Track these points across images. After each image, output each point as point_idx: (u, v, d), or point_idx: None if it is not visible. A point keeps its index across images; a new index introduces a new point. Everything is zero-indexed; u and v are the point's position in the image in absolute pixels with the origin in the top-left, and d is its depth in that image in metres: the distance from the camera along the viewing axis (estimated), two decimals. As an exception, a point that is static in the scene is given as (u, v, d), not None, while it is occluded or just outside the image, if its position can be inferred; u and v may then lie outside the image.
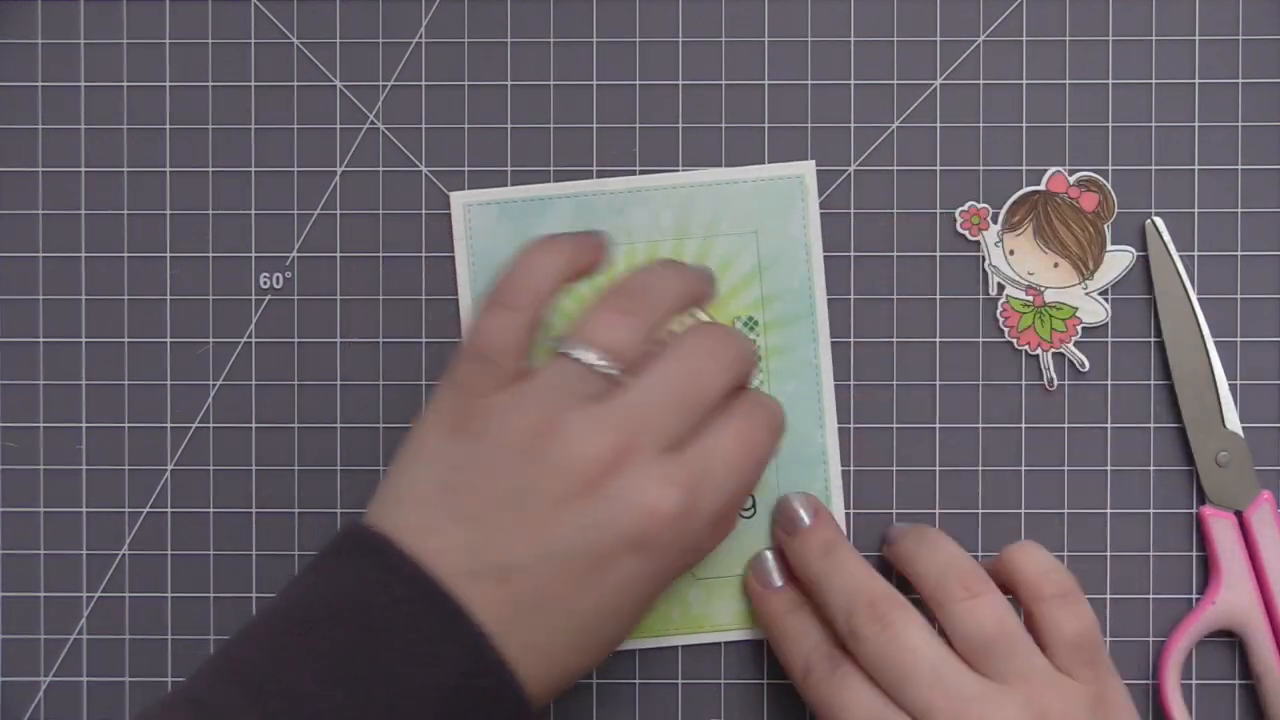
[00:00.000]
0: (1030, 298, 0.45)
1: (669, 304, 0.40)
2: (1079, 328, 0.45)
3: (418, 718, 0.35)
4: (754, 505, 0.45)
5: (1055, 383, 0.45)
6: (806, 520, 0.44)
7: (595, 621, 0.37)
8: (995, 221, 0.45)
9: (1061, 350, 0.45)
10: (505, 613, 0.36)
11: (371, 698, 0.35)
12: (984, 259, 0.45)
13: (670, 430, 0.38)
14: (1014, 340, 0.45)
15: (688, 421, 0.38)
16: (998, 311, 0.45)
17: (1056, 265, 0.45)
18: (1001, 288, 0.45)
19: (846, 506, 0.46)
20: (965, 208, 0.45)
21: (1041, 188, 0.45)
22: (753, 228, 0.46)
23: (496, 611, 0.36)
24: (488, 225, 0.46)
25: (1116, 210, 0.45)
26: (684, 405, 0.38)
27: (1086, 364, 0.45)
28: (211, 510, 0.46)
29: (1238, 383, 0.46)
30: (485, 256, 0.46)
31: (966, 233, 0.45)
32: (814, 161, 0.46)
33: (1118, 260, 0.45)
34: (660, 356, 0.39)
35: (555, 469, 0.37)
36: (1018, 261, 0.45)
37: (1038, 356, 0.45)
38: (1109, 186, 0.45)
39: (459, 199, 0.46)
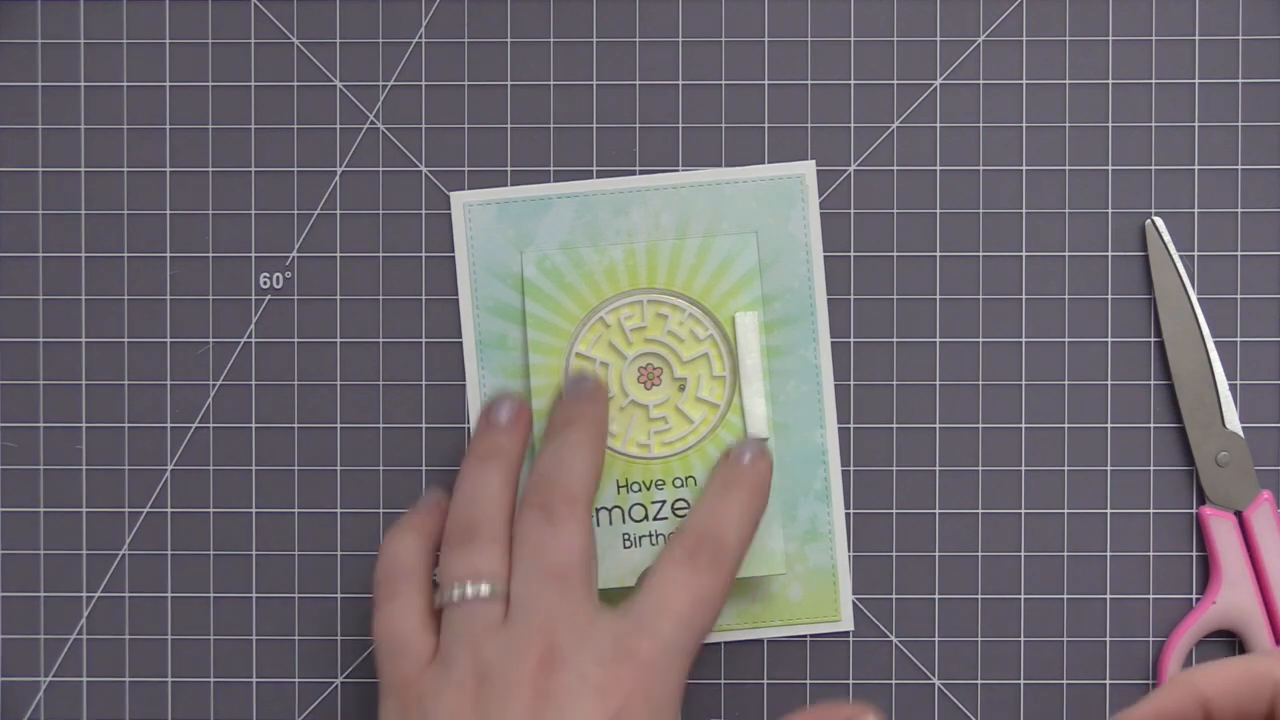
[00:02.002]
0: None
1: (495, 509, 0.41)
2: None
3: None
4: None
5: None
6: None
7: None
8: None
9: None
10: None
11: None
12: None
13: (571, 608, 0.39)
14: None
15: (579, 590, 0.39)
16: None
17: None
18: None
19: (846, 506, 0.46)
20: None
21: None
22: (753, 228, 0.46)
23: None
24: (488, 225, 0.46)
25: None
26: (563, 581, 0.39)
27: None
28: (211, 510, 0.46)
29: (1238, 383, 0.46)
30: (485, 256, 0.46)
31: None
32: (814, 161, 0.46)
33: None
34: (515, 549, 0.40)
35: (500, 703, 0.38)
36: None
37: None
38: None
39: (459, 199, 0.46)
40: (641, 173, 0.46)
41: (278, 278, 0.46)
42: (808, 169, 0.46)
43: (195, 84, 0.46)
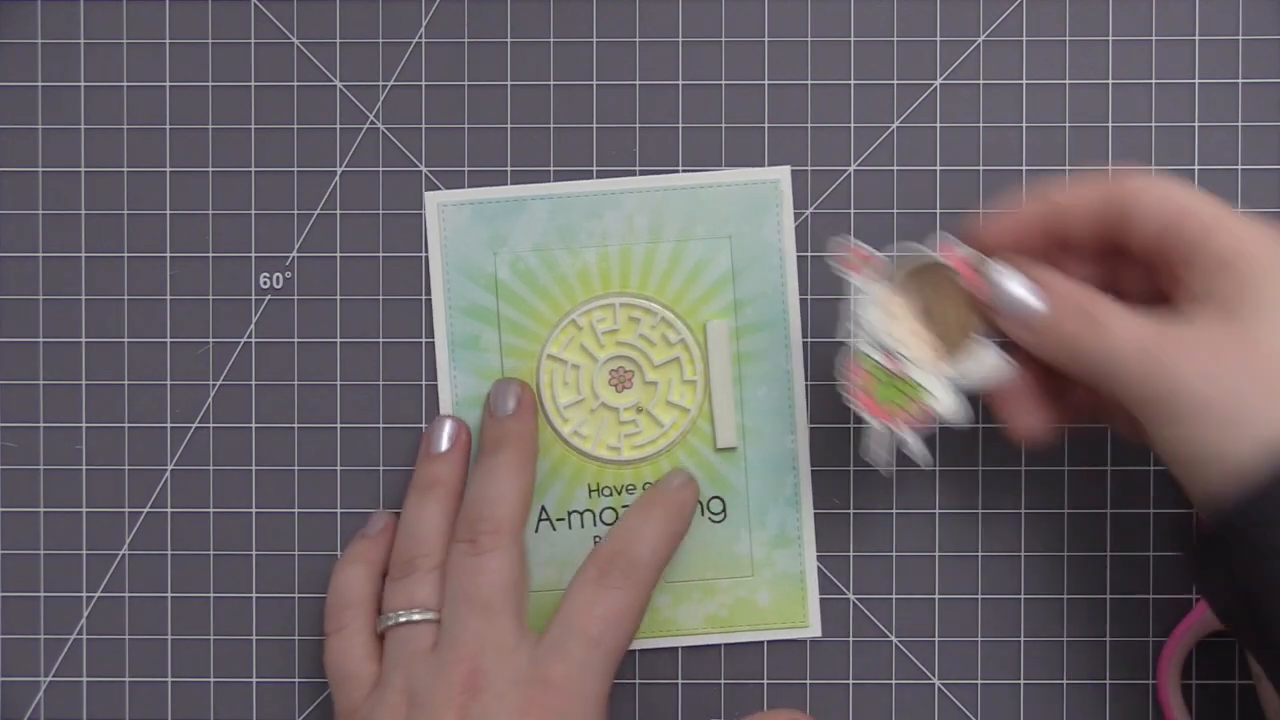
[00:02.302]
0: (889, 365, 0.40)
1: (433, 542, 0.43)
2: (932, 415, 0.40)
3: None
4: (724, 509, 0.45)
5: (891, 467, 0.43)
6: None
7: None
8: (877, 272, 0.41)
9: (903, 433, 0.40)
10: None
11: None
12: (852, 304, 0.41)
13: (494, 635, 0.41)
14: (857, 404, 0.40)
15: (502, 617, 0.41)
16: (844, 367, 0.40)
17: (928, 340, 0.41)
18: (858, 341, 0.40)
19: (847, 506, 0.46)
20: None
21: (950, 263, 0.40)
22: (726, 232, 0.46)
23: None
24: (461, 225, 0.46)
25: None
26: (486, 609, 0.41)
27: (930, 459, 0.43)
28: (211, 510, 0.46)
29: (1238, 383, 0.46)
30: (459, 257, 0.46)
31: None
32: (789, 166, 0.46)
33: (986, 356, 0.40)
34: (445, 580, 0.42)
35: None
36: (895, 323, 0.41)
37: (871, 429, 0.40)
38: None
39: (433, 199, 0.46)
40: (642, 173, 0.46)
41: (278, 278, 0.46)
42: (783, 174, 0.46)
43: (195, 84, 0.46)
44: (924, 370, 0.40)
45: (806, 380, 0.46)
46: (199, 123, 0.46)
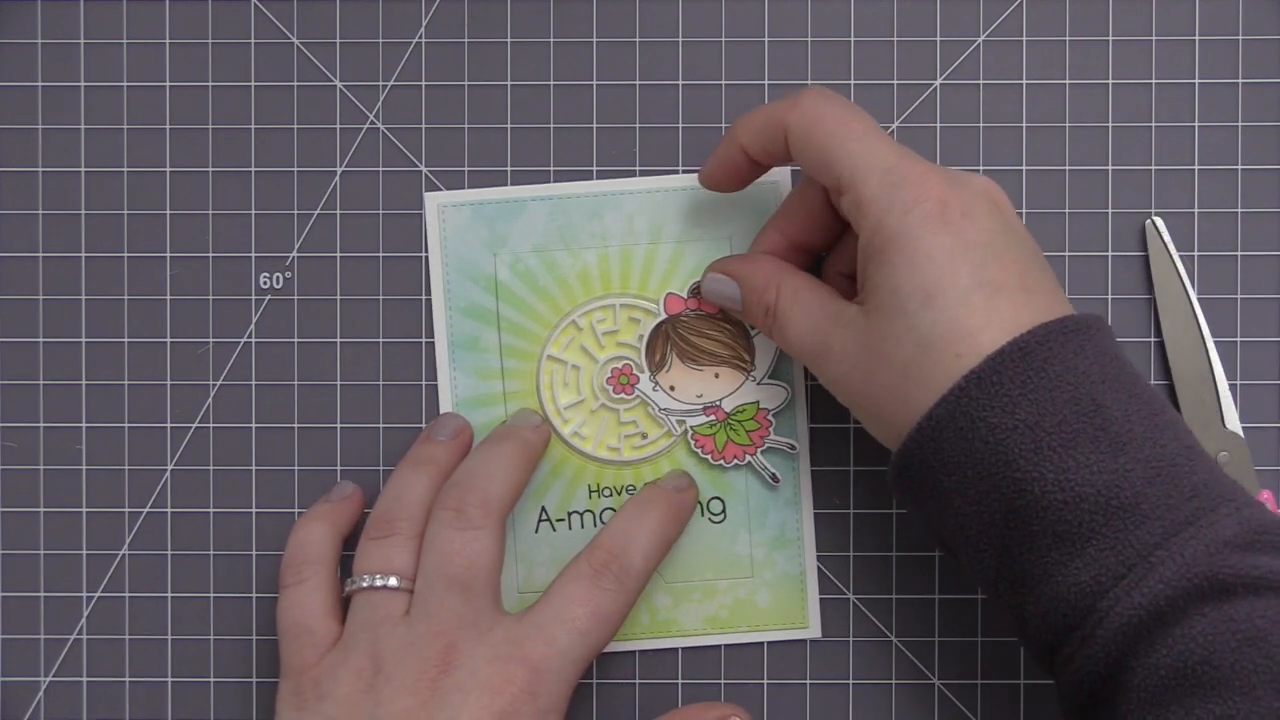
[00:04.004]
0: (712, 417, 0.45)
1: (416, 510, 0.42)
2: (769, 416, 0.45)
3: None
4: (724, 510, 0.45)
5: (780, 478, 0.45)
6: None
7: None
8: (642, 370, 0.45)
9: (761, 453, 0.45)
10: None
11: None
12: (653, 408, 0.45)
13: (471, 615, 0.40)
14: (722, 461, 0.45)
15: (481, 598, 0.40)
16: (692, 446, 0.45)
17: (718, 375, 0.45)
18: (682, 423, 0.45)
19: (847, 506, 0.46)
20: (610, 374, 0.45)
21: (663, 316, 0.45)
22: (726, 233, 0.46)
23: None
24: (461, 226, 0.46)
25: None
26: (466, 589, 0.40)
27: (780, 477, 0.45)
28: (211, 510, 0.46)
29: (1238, 383, 0.46)
30: (458, 258, 0.46)
31: (624, 395, 0.45)
32: (789, 167, 0.46)
33: (767, 341, 0.45)
34: (423, 552, 0.41)
35: (394, 693, 0.39)
36: (683, 393, 0.45)
37: (750, 464, 0.45)
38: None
39: (433, 199, 0.46)
40: (642, 173, 0.46)
41: (278, 278, 0.46)
42: (783, 175, 0.46)
43: (195, 84, 0.46)
44: (730, 395, 0.45)
45: (806, 380, 0.46)
46: (199, 123, 0.46)
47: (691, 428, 0.45)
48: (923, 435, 0.36)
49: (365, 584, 0.41)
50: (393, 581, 0.41)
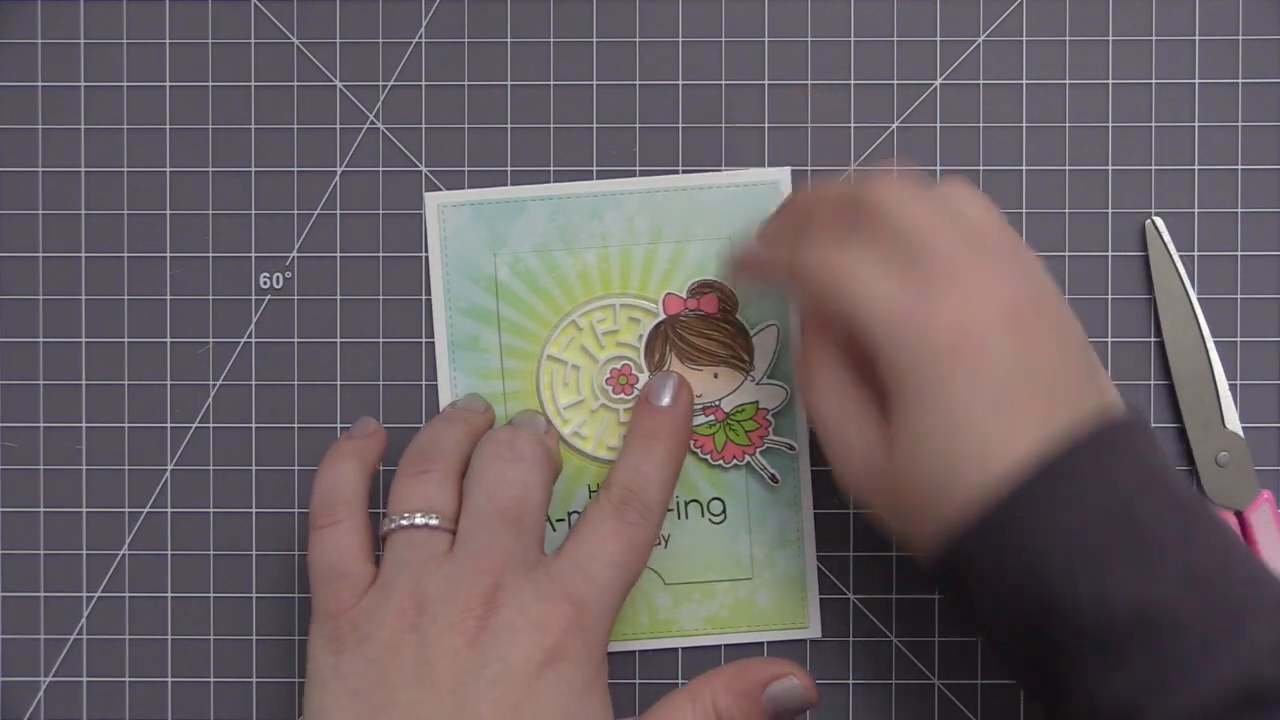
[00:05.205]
0: (712, 417, 0.45)
1: (453, 450, 0.42)
2: (768, 416, 0.45)
3: None
4: (724, 510, 0.45)
5: (779, 478, 0.45)
6: (665, 400, 0.44)
7: None
8: (642, 370, 0.45)
9: (760, 453, 0.45)
10: None
11: None
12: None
13: (519, 550, 0.39)
14: (721, 462, 0.45)
15: (530, 535, 0.40)
16: (691, 446, 0.45)
17: (716, 375, 0.45)
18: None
19: (847, 506, 0.46)
20: (610, 374, 0.45)
21: (662, 316, 0.45)
22: (727, 233, 0.46)
23: None
24: (461, 226, 0.46)
25: (740, 303, 0.45)
26: (517, 523, 0.40)
27: (779, 477, 0.45)
28: (211, 510, 0.46)
29: (1238, 383, 0.46)
30: (459, 258, 0.46)
31: (624, 395, 0.45)
32: (789, 167, 0.46)
33: (766, 339, 0.45)
34: (470, 487, 0.40)
35: (441, 633, 0.38)
36: None
37: (749, 464, 0.45)
38: (721, 281, 0.45)
39: (433, 199, 0.46)
40: (642, 173, 0.46)
41: (278, 278, 0.46)
42: (782, 175, 0.46)
43: (195, 84, 0.46)
44: (729, 396, 0.45)
45: (806, 380, 0.46)
46: (199, 123, 0.46)
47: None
48: (951, 555, 0.36)
49: (405, 523, 0.40)
50: (434, 520, 0.40)
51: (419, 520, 0.40)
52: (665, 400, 0.43)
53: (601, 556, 0.40)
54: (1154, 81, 0.46)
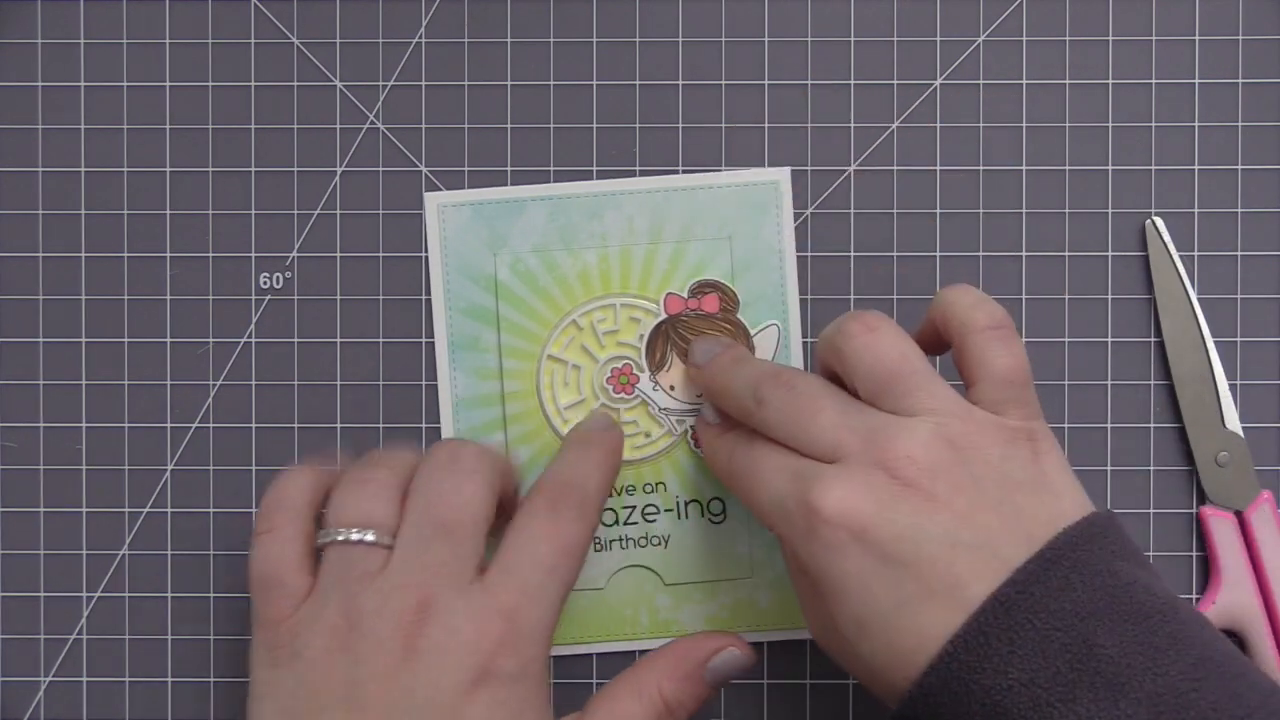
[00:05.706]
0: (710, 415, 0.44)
1: (404, 461, 0.40)
2: None
3: None
4: (724, 510, 0.45)
5: None
6: (707, 352, 0.44)
7: None
8: (642, 370, 0.45)
9: None
10: None
11: None
12: (653, 408, 0.45)
13: (454, 564, 0.38)
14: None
15: (467, 546, 0.39)
16: (692, 446, 0.45)
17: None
18: (682, 423, 0.45)
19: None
20: (610, 374, 0.45)
21: (663, 316, 0.45)
22: (726, 233, 0.46)
23: None
24: (461, 226, 0.46)
25: (740, 302, 0.45)
26: (452, 534, 0.38)
27: None
28: (211, 510, 0.46)
29: (1238, 383, 0.46)
30: (458, 258, 0.46)
31: (624, 395, 0.45)
32: (789, 167, 0.46)
33: (767, 339, 0.45)
34: (409, 499, 0.39)
35: (371, 652, 0.37)
36: (683, 392, 0.45)
37: None
38: (722, 281, 0.45)
39: (433, 199, 0.46)
40: (642, 173, 0.46)
41: (278, 278, 0.46)
42: (783, 175, 0.46)
43: (195, 84, 0.46)
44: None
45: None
46: (199, 123, 0.46)
47: (691, 428, 0.45)
48: (915, 703, 0.35)
49: (340, 537, 0.39)
50: (370, 536, 0.39)
51: (354, 536, 0.39)
52: (606, 424, 0.44)
53: (534, 560, 0.39)
54: (1154, 81, 0.46)
